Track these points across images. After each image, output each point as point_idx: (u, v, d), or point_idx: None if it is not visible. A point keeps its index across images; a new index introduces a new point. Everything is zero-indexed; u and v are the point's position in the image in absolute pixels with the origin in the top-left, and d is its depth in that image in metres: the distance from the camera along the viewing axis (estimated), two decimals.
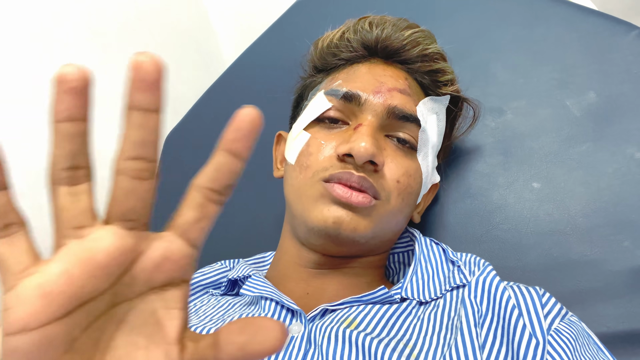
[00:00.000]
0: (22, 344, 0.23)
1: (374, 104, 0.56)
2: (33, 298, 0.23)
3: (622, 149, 0.65)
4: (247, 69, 1.00)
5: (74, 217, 0.26)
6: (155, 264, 0.27)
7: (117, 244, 0.25)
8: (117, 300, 0.27)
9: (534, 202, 0.67)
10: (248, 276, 0.59)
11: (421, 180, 0.59)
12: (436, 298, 0.54)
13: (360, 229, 0.53)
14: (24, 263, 0.24)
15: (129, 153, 0.26)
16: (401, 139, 0.57)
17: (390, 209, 0.55)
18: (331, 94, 0.59)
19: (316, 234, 0.54)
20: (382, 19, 0.63)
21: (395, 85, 0.58)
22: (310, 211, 0.54)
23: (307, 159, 0.56)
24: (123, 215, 0.26)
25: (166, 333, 0.27)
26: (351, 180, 0.52)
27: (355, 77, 0.60)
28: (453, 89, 0.63)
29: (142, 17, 1.13)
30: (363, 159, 0.52)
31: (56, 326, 0.24)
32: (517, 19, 0.79)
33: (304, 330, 0.49)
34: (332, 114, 0.58)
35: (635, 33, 0.71)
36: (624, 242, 0.61)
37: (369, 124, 0.55)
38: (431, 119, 0.60)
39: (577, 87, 0.71)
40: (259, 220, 0.83)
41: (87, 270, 0.24)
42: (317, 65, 0.67)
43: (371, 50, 0.62)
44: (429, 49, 0.61)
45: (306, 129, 0.59)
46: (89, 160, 0.26)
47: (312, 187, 0.54)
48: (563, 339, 0.45)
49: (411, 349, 0.46)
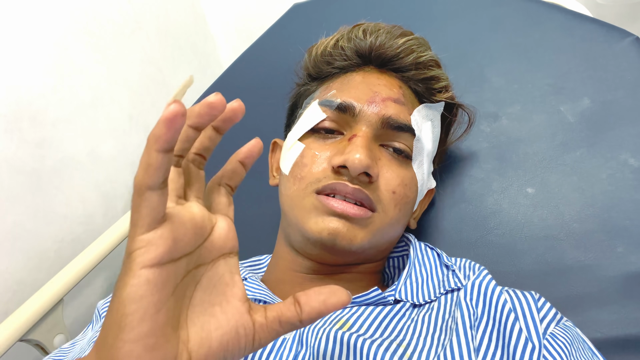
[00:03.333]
0: (155, 276, 0.29)
1: (368, 114, 0.56)
2: (169, 240, 0.30)
3: (616, 154, 0.66)
4: (244, 72, 1.00)
5: (178, 189, 0.34)
6: (225, 234, 0.35)
7: (203, 211, 0.34)
8: (198, 263, 0.34)
9: (529, 208, 0.67)
10: (243, 279, 0.59)
11: (417, 188, 0.59)
12: (430, 301, 0.54)
13: (357, 241, 0.53)
14: (162, 212, 0.30)
15: (197, 150, 0.36)
16: (397, 149, 0.57)
17: (388, 220, 0.55)
18: (325, 105, 0.59)
19: (312, 244, 0.54)
20: (376, 26, 0.63)
21: (389, 94, 0.58)
22: (305, 222, 0.54)
23: (301, 170, 0.56)
24: (195, 193, 0.36)
25: (235, 292, 0.34)
26: (345, 192, 0.52)
27: (349, 86, 0.60)
28: (447, 96, 0.63)
29: (140, 19, 1.13)
30: (358, 171, 0.52)
31: (174, 266, 0.30)
32: (513, 25, 0.80)
33: (295, 331, 0.49)
34: (326, 125, 0.58)
35: (629, 40, 0.71)
36: (617, 247, 0.61)
37: (364, 135, 0.55)
38: (426, 126, 0.60)
39: (571, 93, 0.71)
40: (255, 223, 0.83)
41: (191, 226, 0.32)
42: (311, 73, 0.67)
43: (365, 58, 0.62)
44: (423, 57, 0.61)
45: (301, 140, 0.59)
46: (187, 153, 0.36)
47: (305, 198, 0.55)
48: (559, 343, 0.45)
49: (404, 349, 0.46)
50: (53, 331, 0.78)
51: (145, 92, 1.14)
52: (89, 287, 0.98)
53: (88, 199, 0.96)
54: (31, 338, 0.75)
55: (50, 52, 0.88)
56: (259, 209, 0.83)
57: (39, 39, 0.86)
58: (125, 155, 1.05)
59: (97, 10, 1.00)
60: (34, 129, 0.84)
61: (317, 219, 0.53)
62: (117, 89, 1.04)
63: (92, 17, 0.98)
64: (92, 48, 0.98)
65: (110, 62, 1.03)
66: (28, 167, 0.83)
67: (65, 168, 0.90)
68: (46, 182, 0.86)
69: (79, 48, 0.95)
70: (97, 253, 0.86)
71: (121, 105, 1.05)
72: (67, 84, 0.91)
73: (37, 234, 0.85)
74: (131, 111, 1.08)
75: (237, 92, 0.98)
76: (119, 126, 1.04)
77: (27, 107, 0.83)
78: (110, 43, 1.03)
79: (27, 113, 0.83)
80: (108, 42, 1.03)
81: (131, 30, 1.10)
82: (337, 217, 0.52)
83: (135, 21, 1.11)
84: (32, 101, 0.84)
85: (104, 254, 0.88)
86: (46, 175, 0.86)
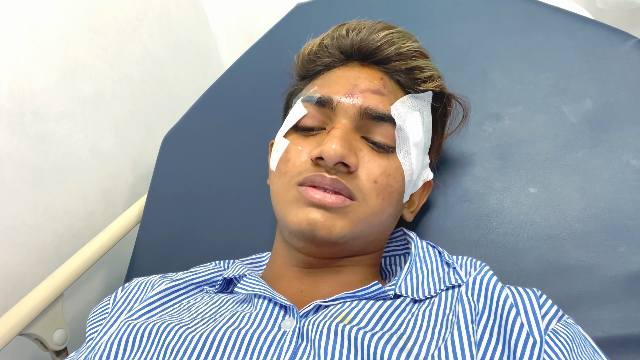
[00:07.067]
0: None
1: (346, 106, 0.57)
2: None
3: (618, 155, 0.66)
4: (245, 72, 1.00)
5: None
6: None
7: None
8: None
9: (531, 207, 0.67)
10: (243, 275, 0.59)
11: (403, 178, 0.58)
12: (430, 297, 0.54)
13: (336, 230, 0.53)
14: None
15: None
16: (378, 140, 0.57)
17: (370, 210, 0.55)
18: (307, 101, 0.60)
19: (296, 237, 0.55)
20: (358, 23, 0.63)
21: (368, 86, 0.58)
22: (287, 215, 0.55)
23: (285, 165, 0.57)
24: None
25: None
26: (323, 183, 0.53)
27: (330, 81, 0.60)
28: (434, 85, 0.62)
29: (142, 17, 1.13)
30: (333, 161, 0.52)
31: None
32: (516, 27, 0.80)
33: (295, 324, 0.49)
34: (309, 120, 0.59)
35: (631, 42, 0.72)
36: (619, 247, 0.61)
37: (342, 127, 0.56)
38: (413, 117, 0.60)
39: (573, 94, 0.72)
40: (256, 222, 0.83)
41: None
42: (300, 73, 0.68)
43: (347, 54, 0.63)
44: (404, 47, 0.61)
45: (286, 136, 0.60)
46: None
47: (288, 191, 0.55)
48: (560, 339, 0.45)
49: (405, 341, 0.46)
50: (52, 326, 0.78)
51: (147, 89, 1.14)
52: (89, 282, 0.98)
53: (89, 195, 0.96)
54: (31, 332, 0.74)
55: (53, 47, 0.88)
56: (261, 208, 0.83)
57: (42, 35, 0.86)
58: (126, 152, 1.05)
59: (100, 7, 1.00)
60: (36, 124, 0.84)
61: (297, 211, 0.54)
62: (118, 86, 1.04)
63: (94, 14, 0.98)
64: (94, 44, 0.98)
65: (112, 59, 1.03)
66: (29, 162, 0.83)
67: (66, 163, 0.90)
68: (47, 177, 0.86)
69: (81, 44, 0.95)
70: (97, 249, 0.86)
71: (123, 102, 1.05)
72: (69, 79, 0.91)
73: (37, 229, 0.84)
74: (132, 108, 1.08)
75: (238, 92, 0.98)
76: (120, 123, 1.04)
77: (30, 102, 0.83)
78: (113, 40, 1.04)
79: (29, 108, 0.83)
80: (110, 39, 1.03)
81: (133, 28, 1.10)
82: (315, 207, 0.53)
83: (137, 18, 1.11)
84: (35, 96, 0.84)
85: (104, 249, 0.87)
86: (47, 170, 0.86)
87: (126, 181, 1.05)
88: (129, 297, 0.61)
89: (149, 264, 0.87)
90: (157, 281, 0.61)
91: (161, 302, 0.58)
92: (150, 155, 1.10)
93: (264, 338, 0.48)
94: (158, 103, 1.17)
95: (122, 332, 0.52)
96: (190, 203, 0.90)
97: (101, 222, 0.97)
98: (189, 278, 0.62)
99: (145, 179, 1.09)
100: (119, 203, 1.04)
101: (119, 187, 1.04)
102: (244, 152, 0.89)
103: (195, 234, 0.87)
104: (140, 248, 0.90)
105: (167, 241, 0.88)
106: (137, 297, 0.60)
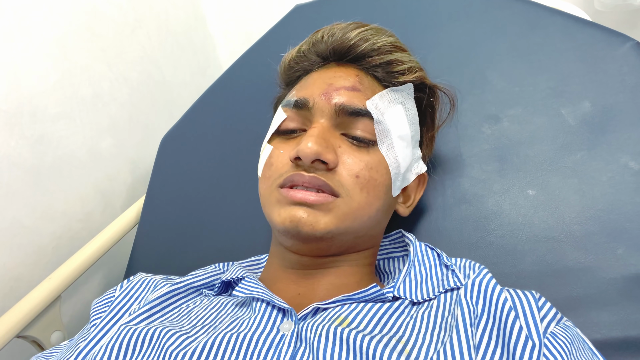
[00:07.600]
0: None
1: (322, 105, 0.58)
2: None
3: (617, 157, 0.66)
4: (244, 73, 1.00)
5: None
6: None
7: None
8: None
9: (529, 209, 0.67)
10: (241, 278, 0.59)
11: (388, 171, 0.58)
12: (429, 299, 0.54)
13: (320, 226, 0.53)
14: None
15: None
16: (358, 134, 0.58)
17: (356, 204, 0.55)
18: (285, 105, 0.61)
19: (283, 235, 0.55)
20: (332, 27, 0.64)
21: (343, 84, 0.59)
22: (272, 215, 0.56)
23: (269, 169, 0.58)
24: None
25: None
26: (302, 181, 0.54)
27: (307, 84, 0.62)
28: (413, 77, 0.62)
29: (141, 18, 1.13)
30: (309, 159, 0.53)
31: None
32: (514, 29, 0.80)
33: (293, 327, 0.49)
34: (290, 123, 0.60)
35: (630, 44, 0.72)
36: (617, 249, 0.61)
37: (318, 125, 0.56)
38: (395, 110, 0.60)
39: (572, 96, 0.72)
40: (254, 223, 0.83)
41: None
42: (283, 80, 0.70)
43: (324, 56, 0.64)
44: (378, 42, 0.61)
45: (270, 142, 0.61)
46: None
47: (271, 194, 0.57)
48: (559, 342, 0.45)
49: (404, 345, 0.46)
50: (50, 328, 0.78)
51: (145, 91, 1.14)
52: (87, 284, 0.98)
53: (87, 197, 0.96)
54: (28, 334, 0.74)
55: (51, 49, 0.88)
56: (259, 209, 0.82)
57: (40, 36, 0.86)
58: (124, 153, 1.05)
59: (98, 9, 1.00)
60: (34, 125, 0.84)
61: (280, 210, 0.54)
62: (117, 87, 1.04)
63: (93, 15, 0.98)
64: (92, 45, 0.98)
65: (110, 60, 1.03)
66: (27, 163, 0.82)
67: (64, 165, 0.90)
68: (45, 179, 0.86)
69: (79, 45, 0.95)
70: (95, 250, 0.86)
71: (121, 103, 1.05)
72: (68, 80, 0.91)
73: (35, 230, 0.84)
74: (131, 109, 1.08)
75: (236, 94, 0.98)
76: (119, 124, 1.04)
77: (28, 103, 0.82)
78: (111, 41, 1.03)
79: (27, 109, 0.82)
80: (108, 40, 1.03)
81: (132, 29, 1.10)
82: (298, 205, 0.53)
83: (135, 20, 1.11)
84: (33, 97, 0.83)
85: (102, 251, 0.87)
86: (45, 172, 0.86)
87: (124, 182, 1.05)
88: (131, 293, 0.61)
89: (147, 265, 0.87)
90: (160, 282, 0.62)
91: (161, 307, 0.58)
92: (148, 157, 1.09)
93: (262, 341, 0.48)
94: (156, 104, 1.17)
95: (122, 336, 0.52)
96: (188, 204, 0.90)
97: (99, 224, 0.97)
98: (189, 282, 0.62)
99: (144, 180, 1.09)
100: (117, 204, 1.04)
101: (117, 188, 1.03)
102: (242, 154, 0.89)
103: (193, 235, 0.87)
104: (139, 249, 0.90)
105: (165, 242, 0.88)
106: (138, 295, 0.61)
